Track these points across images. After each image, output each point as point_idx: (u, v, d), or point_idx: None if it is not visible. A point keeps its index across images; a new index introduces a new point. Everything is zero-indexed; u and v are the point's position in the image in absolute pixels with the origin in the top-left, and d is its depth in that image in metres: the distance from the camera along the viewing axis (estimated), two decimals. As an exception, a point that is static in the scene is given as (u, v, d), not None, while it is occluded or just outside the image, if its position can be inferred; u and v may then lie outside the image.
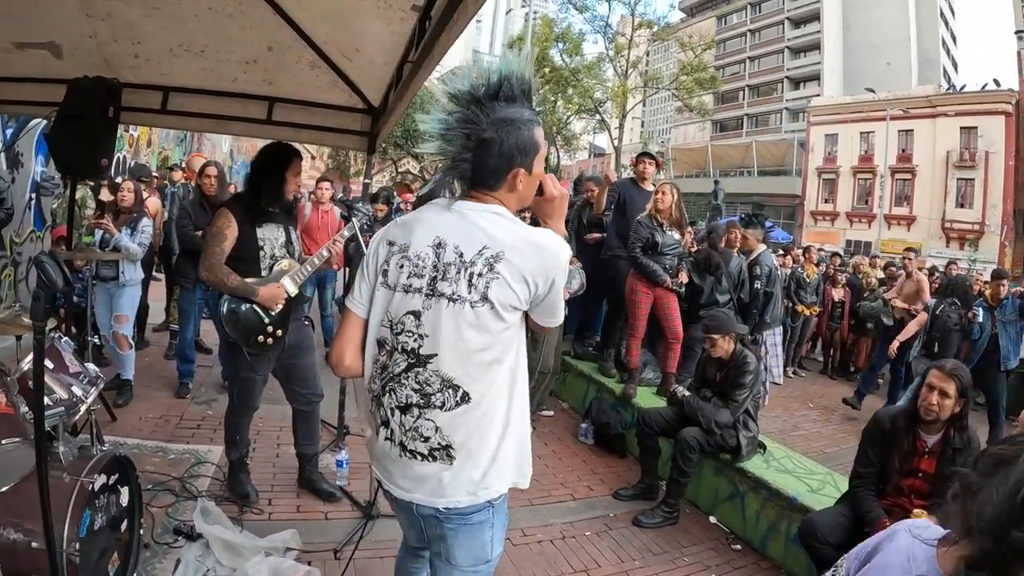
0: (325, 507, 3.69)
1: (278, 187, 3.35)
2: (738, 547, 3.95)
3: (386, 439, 1.67)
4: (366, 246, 3.32)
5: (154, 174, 9.23)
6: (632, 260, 5.20)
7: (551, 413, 5.95)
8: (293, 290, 3.44)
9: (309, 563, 3.05)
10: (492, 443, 1.64)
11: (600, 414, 5.32)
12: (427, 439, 1.61)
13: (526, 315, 1.68)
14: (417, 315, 1.59)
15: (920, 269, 8.72)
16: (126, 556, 2.62)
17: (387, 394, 1.64)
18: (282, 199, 3.40)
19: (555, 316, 1.69)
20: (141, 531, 2.77)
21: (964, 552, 1.11)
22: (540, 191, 1.72)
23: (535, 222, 1.80)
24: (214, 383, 5.48)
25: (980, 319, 6.91)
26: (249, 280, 3.30)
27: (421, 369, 1.59)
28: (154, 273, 7.00)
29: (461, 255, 1.57)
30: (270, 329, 3.36)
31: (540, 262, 1.57)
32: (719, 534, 4.09)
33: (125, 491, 2.60)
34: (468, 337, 1.56)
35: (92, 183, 6.15)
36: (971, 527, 1.09)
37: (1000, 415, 6.63)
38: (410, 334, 1.60)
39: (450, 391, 1.58)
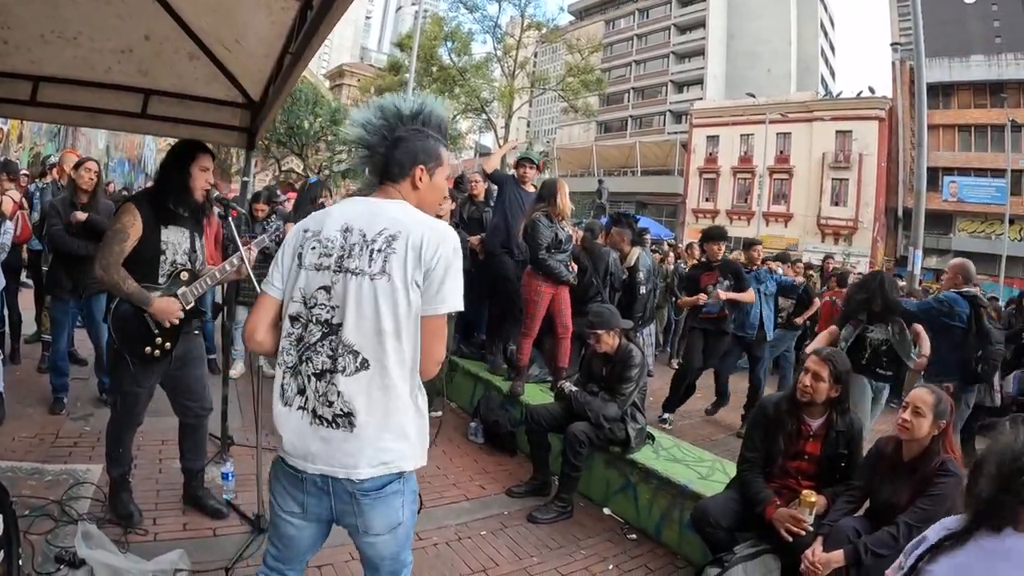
0: (213, 523, 3.54)
1: (184, 183, 3.17)
2: (633, 536, 4.05)
3: (300, 408, 1.79)
4: (243, 246, 3.25)
5: (23, 171, 8.59)
6: (538, 263, 5.15)
7: (439, 413, 5.82)
8: (191, 300, 3.27)
9: (200, 583, 2.93)
10: (392, 418, 1.77)
11: (489, 413, 5.34)
12: (331, 403, 1.74)
13: None
14: (327, 289, 1.78)
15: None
16: (7, 590, 2.45)
17: (304, 362, 1.79)
18: (189, 198, 3.22)
19: (442, 300, 1.79)
20: (20, 562, 2.55)
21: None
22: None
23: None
24: (90, 397, 5.16)
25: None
26: (146, 287, 3.11)
27: (334, 337, 1.75)
28: (23, 279, 6.51)
29: (364, 235, 1.77)
30: (159, 341, 3.19)
31: (433, 240, 1.76)
32: (614, 525, 4.19)
33: None
34: (369, 306, 1.73)
35: None
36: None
37: (762, 381, 6.96)
38: (323, 307, 1.78)
39: (350, 356, 1.74)
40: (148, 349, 3.18)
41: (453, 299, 1.79)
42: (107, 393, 4.89)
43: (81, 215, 4.75)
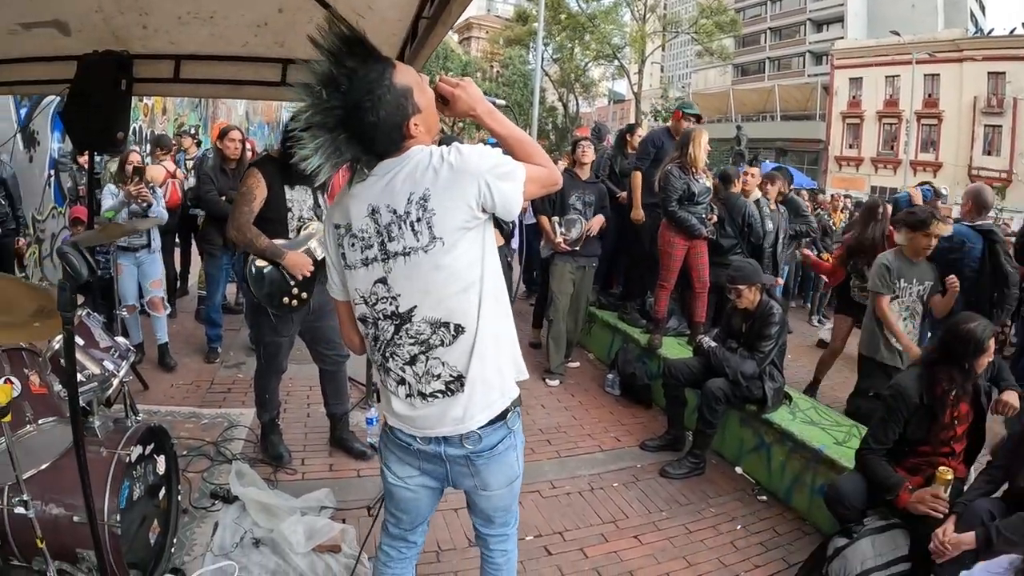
0: (357, 465, 3.76)
1: None
2: (763, 498, 3.95)
3: (407, 396, 1.75)
4: None
5: (174, 143, 9.23)
6: (669, 215, 5.02)
7: (577, 364, 5.97)
8: (320, 253, 3.42)
9: (344, 520, 3.12)
10: (492, 359, 1.72)
11: (626, 365, 5.31)
12: (439, 376, 1.70)
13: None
14: (383, 281, 1.68)
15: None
16: (166, 523, 2.69)
17: (390, 359, 1.74)
18: None
19: (512, 207, 1.65)
20: (179, 497, 2.84)
21: None
22: (444, 101, 1.72)
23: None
24: (242, 345, 5.56)
25: None
26: (278, 242, 3.31)
27: (409, 325, 1.68)
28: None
29: (395, 211, 1.62)
30: (295, 291, 3.38)
31: (463, 179, 1.59)
32: (745, 485, 4.10)
33: (161, 459, 2.67)
34: (434, 278, 1.64)
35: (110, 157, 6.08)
36: None
37: None
38: (385, 300, 1.69)
39: (443, 328, 1.67)
40: (286, 300, 3.38)
41: (514, 207, 1.66)
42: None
43: None
